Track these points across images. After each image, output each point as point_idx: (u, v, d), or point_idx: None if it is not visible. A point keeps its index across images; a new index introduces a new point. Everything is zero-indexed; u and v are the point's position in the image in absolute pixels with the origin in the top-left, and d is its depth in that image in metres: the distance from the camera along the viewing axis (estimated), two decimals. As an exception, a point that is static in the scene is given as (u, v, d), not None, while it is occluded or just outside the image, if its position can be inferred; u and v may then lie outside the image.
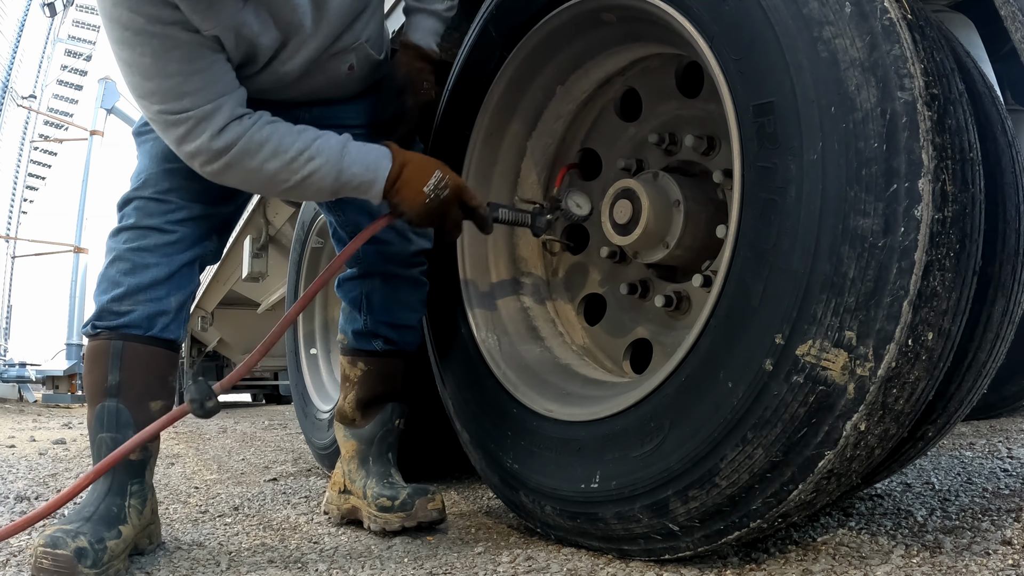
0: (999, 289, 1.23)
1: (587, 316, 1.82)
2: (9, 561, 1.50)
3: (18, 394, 12.37)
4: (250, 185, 1.48)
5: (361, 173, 1.45)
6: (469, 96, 1.81)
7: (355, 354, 1.81)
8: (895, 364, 1.03)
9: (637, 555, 1.35)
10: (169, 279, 1.52)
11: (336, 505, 1.81)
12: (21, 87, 15.39)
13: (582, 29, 1.63)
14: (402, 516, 1.64)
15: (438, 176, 1.47)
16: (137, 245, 1.50)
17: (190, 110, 1.35)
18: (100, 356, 1.49)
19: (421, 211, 1.47)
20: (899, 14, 1.06)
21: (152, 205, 1.52)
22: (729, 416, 1.15)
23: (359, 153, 1.45)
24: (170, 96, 1.34)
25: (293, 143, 1.41)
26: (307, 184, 1.43)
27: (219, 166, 1.39)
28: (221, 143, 1.37)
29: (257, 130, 1.39)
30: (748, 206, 1.17)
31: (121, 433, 1.47)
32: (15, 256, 16.11)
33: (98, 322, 1.51)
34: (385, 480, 1.73)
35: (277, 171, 1.41)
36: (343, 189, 1.46)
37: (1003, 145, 1.27)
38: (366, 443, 1.80)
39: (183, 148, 1.39)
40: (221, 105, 1.37)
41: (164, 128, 1.38)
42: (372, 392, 1.79)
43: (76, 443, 4.35)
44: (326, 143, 1.44)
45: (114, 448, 1.45)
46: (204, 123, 1.35)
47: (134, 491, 1.50)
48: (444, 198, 1.47)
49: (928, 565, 1.20)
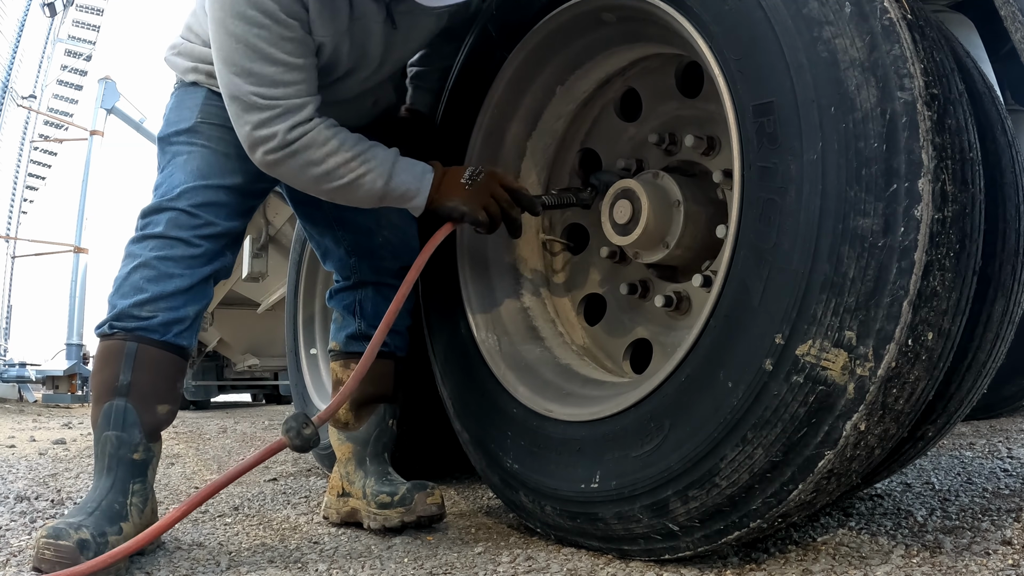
0: (999, 289, 1.23)
1: (587, 316, 1.82)
2: (9, 561, 1.50)
3: (18, 394, 12.36)
4: (301, 178, 1.54)
5: (408, 182, 1.57)
6: (469, 96, 1.81)
7: (348, 357, 1.87)
8: (895, 364, 1.03)
9: (637, 555, 1.35)
10: (190, 290, 1.57)
11: (335, 509, 1.83)
12: (21, 87, 15.38)
13: (582, 29, 1.63)
14: (401, 511, 1.66)
15: (472, 169, 1.60)
16: (164, 254, 1.56)
17: (281, 100, 1.45)
18: (113, 356, 1.52)
19: (466, 197, 1.57)
20: (899, 14, 1.06)
21: (183, 218, 1.58)
22: (729, 416, 1.15)
23: (407, 165, 1.58)
24: (266, 82, 1.44)
25: (353, 146, 1.52)
26: (357, 185, 1.53)
27: (282, 155, 1.48)
28: (294, 135, 1.47)
29: (325, 128, 1.50)
30: (748, 206, 1.17)
31: (127, 432, 1.50)
32: (15, 256, 16.11)
33: (116, 323, 1.54)
34: (384, 478, 1.76)
35: (335, 168, 1.51)
36: (389, 195, 1.57)
37: (1003, 145, 1.27)
38: (362, 444, 1.83)
39: (258, 131, 1.47)
40: (307, 104, 1.48)
41: (247, 109, 1.46)
42: (365, 393, 1.82)
43: (76, 443, 4.35)
44: (381, 152, 1.56)
45: (120, 446, 1.50)
46: (288, 115, 1.46)
47: (136, 490, 1.52)
48: (482, 181, 1.58)
49: (928, 565, 1.20)
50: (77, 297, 13.25)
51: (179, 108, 1.71)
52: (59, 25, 16.02)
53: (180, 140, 1.66)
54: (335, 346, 1.91)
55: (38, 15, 15.07)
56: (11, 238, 15.52)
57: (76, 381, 12.42)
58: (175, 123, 1.69)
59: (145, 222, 1.61)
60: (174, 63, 1.76)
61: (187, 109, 1.69)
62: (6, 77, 14.30)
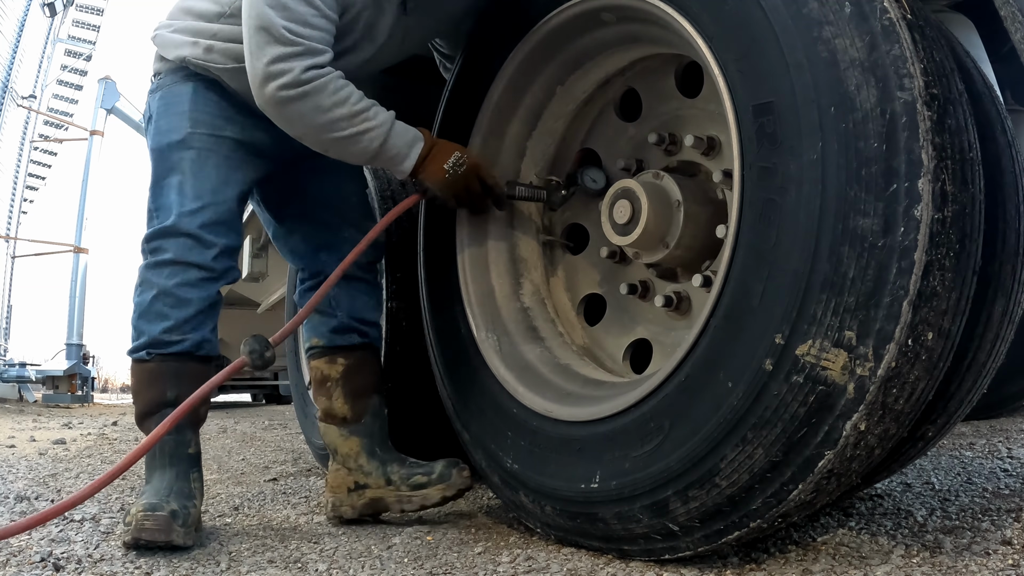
0: (999, 289, 1.23)
1: (587, 316, 1.82)
2: (9, 561, 1.50)
3: (18, 394, 12.35)
4: (305, 122, 1.60)
5: (401, 146, 1.65)
6: (469, 96, 1.81)
7: (334, 352, 1.92)
8: (895, 364, 1.03)
9: (637, 555, 1.35)
10: (208, 308, 1.74)
11: (350, 504, 1.83)
12: (21, 87, 15.37)
13: (582, 29, 1.63)
14: (442, 488, 1.76)
15: (457, 156, 1.68)
16: (180, 280, 1.69)
17: (305, 40, 1.53)
18: (157, 377, 1.71)
19: (443, 184, 1.68)
20: (899, 14, 1.06)
21: (191, 242, 1.70)
22: (729, 416, 1.15)
23: (403, 129, 1.67)
24: (298, 19, 1.52)
25: (358, 101, 1.60)
26: (356, 139, 1.61)
27: (294, 93, 1.55)
28: (308, 75, 1.54)
29: (337, 78, 1.58)
30: (748, 206, 1.17)
31: (181, 434, 1.70)
32: (15, 256, 16.10)
33: (152, 349, 1.70)
34: (406, 461, 1.84)
35: (339, 118, 1.58)
36: (381, 155, 1.65)
37: (1003, 145, 1.27)
38: (368, 436, 1.88)
39: (275, 65, 1.53)
40: (326, 51, 1.58)
41: (270, 41, 1.53)
42: (356, 384, 1.90)
43: (76, 443, 4.35)
44: (382, 113, 1.64)
45: (177, 446, 1.70)
46: (309, 55, 1.54)
47: (194, 477, 1.72)
48: (462, 173, 1.68)
49: (928, 565, 1.20)
50: (77, 297, 13.25)
51: (168, 114, 1.77)
52: (59, 25, 16.02)
53: (173, 155, 1.73)
54: (317, 342, 1.94)
55: (38, 15, 15.07)
56: (11, 238, 15.52)
57: (76, 381, 12.43)
58: (166, 133, 1.75)
59: (154, 246, 1.72)
60: (169, 40, 1.80)
61: (176, 116, 1.76)
62: (6, 77, 14.29)
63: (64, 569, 1.45)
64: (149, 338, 1.70)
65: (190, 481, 1.70)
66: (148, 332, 1.70)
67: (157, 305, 1.70)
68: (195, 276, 1.70)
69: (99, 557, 1.53)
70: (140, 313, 1.72)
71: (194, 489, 1.70)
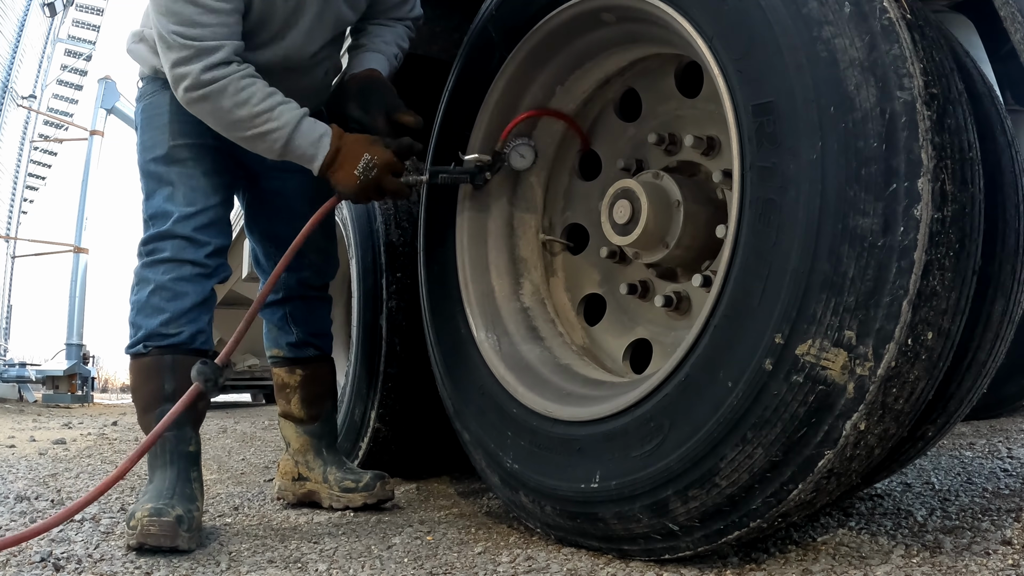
0: (999, 289, 1.23)
1: (587, 316, 1.82)
2: (9, 561, 1.50)
3: (18, 394, 12.34)
4: (215, 121, 1.66)
5: (305, 147, 1.67)
6: (469, 96, 1.81)
7: (293, 363, 2.10)
8: (895, 364, 1.03)
9: (637, 555, 1.35)
10: (203, 303, 1.79)
11: (292, 491, 2.09)
12: (21, 87, 15.34)
13: (582, 29, 1.63)
14: (365, 495, 1.97)
15: (367, 159, 1.68)
16: (176, 275, 1.75)
17: (196, 40, 1.56)
18: (154, 370, 1.74)
19: (356, 190, 1.71)
20: (898, 14, 1.06)
21: (186, 243, 1.76)
22: (729, 416, 1.15)
23: (308, 129, 1.67)
24: (185, 21, 1.55)
25: (261, 101, 1.62)
26: (261, 139, 1.65)
27: (197, 95, 1.60)
28: (208, 76, 1.57)
29: (239, 79, 1.60)
30: (748, 206, 1.17)
31: (181, 430, 1.71)
32: (15, 256, 16.08)
33: (149, 342, 1.74)
34: (344, 466, 2.06)
35: (241, 119, 1.62)
36: (289, 155, 1.68)
37: (1003, 145, 1.27)
38: (317, 437, 2.09)
39: (177, 69, 1.59)
40: (221, 47, 1.58)
41: (169, 47, 1.58)
42: (312, 392, 2.10)
43: (76, 443, 4.35)
44: (288, 111, 1.65)
45: (178, 443, 1.71)
46: (203, 56, 1.56)
47: (194, 476, 1.74)
48: (374, 176, 1.69)
49: (928, 565, 1.20)
50: (77, 297, 13.23)
51: (150, 128, 1.83)
52: (59, 25, 16.01)
53: (159, 169, 1.80)
54: (278, 353, 2.12)
55: (38, 15, 15.05)
56: (11, 238, 15.51)
57: (76, 381, 12.42)
58: (150, 148, 1.82)
59: (150, 248, 1.78)
60: (138, 52, 1.86)
61: (156, 130, 1.82)
62: (6, 77, 14.28)
63: (64, 569, 1.45)
64: (147, 331, 1.74)
65: (191, 482, 1.71)
66: (146, 326, 1.74)
67: (154, 299, 1.75)
68: (190, 272, 1.76)
69: (99, 557, 1.53)
70: (138, 309, 1.77)
71: (195, 490, 1.72)
